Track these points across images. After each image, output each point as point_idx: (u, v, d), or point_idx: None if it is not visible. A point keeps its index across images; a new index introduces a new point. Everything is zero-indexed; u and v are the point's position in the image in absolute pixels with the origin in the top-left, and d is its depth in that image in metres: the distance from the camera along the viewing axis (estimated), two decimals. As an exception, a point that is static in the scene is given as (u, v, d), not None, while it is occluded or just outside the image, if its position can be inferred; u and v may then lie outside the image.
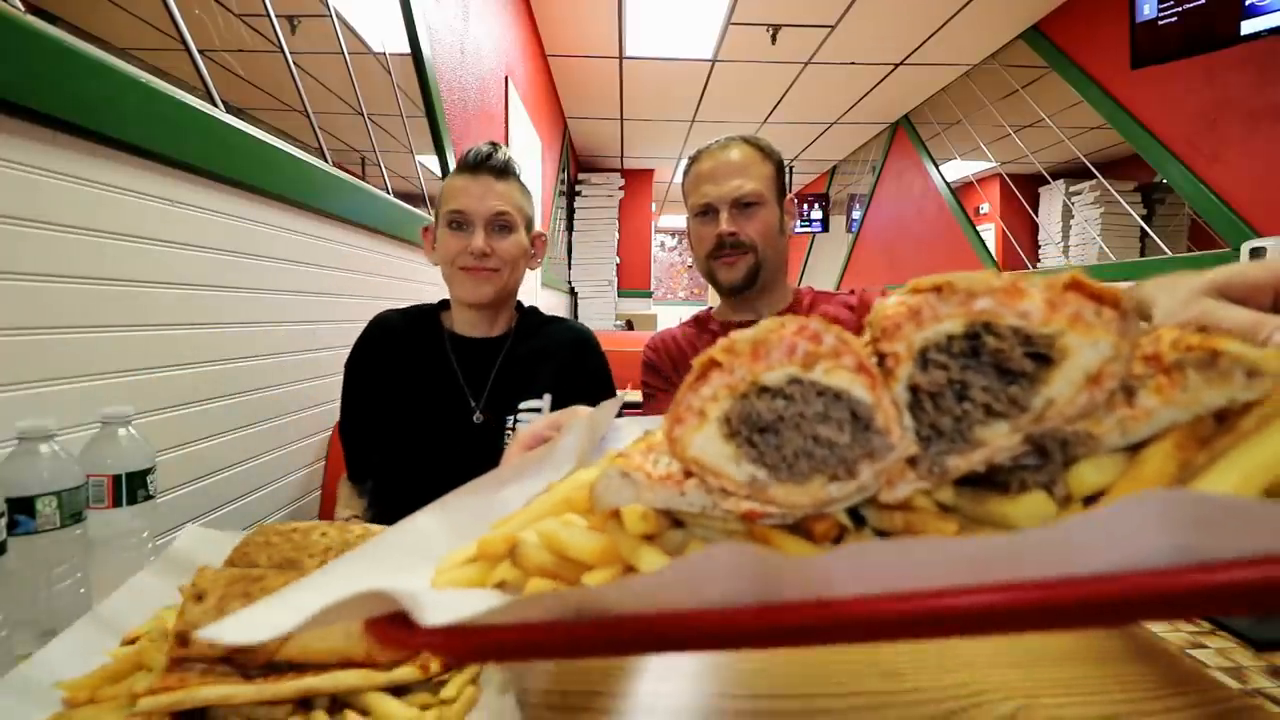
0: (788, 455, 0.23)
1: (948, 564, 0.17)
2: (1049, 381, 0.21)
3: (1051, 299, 0.22)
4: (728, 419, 0.23)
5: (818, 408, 0.23)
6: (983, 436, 0.22)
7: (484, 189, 0.98)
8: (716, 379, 0.24)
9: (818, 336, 0.23)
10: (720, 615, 0.18)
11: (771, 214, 1.01)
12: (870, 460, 0.22)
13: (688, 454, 0.24)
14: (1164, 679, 0.44)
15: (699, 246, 1.05)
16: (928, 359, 0.22)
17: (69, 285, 0.74)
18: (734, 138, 1.04)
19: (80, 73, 0.74)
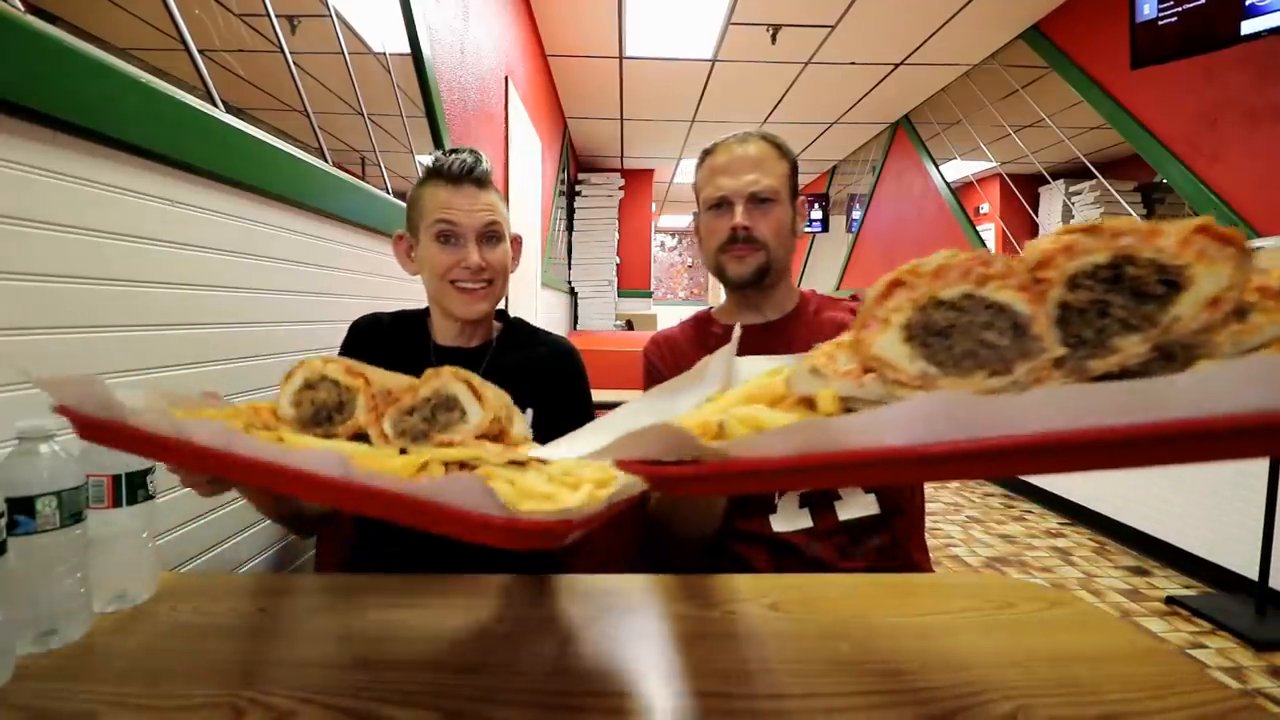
0: (956, 354, 0.29)
1: (1120, 402, 0.21)
2: (1176, 303, 0.26)
3: (1183, 238, 0.26)
4: (908, 325, 0.30)
5: (984, 317, 0.29)
6: (1118, 345, 0.27)
7: (470, 200, 0.95)
8: (900, 294, 0.30)
9: (989, 262, 0.29)
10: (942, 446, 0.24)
11: (785, 213, 0.99)
12: (1025, 359, 0.28)
13: (870, 352, 0.30)
14: (1164, 679, 0.44)
15: (710, 239, 1.02)
16: (1077, 283, 0.28)
17: (69, 285, 0.74)
18: (751, 133, 1.02)
19: (80, 73, 0.74)
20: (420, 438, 0.53)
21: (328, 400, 0.54)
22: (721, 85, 4.82)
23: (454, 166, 0.95)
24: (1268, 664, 1.84)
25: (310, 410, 0.54)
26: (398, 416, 0.53)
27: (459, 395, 0.55)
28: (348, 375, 0.55)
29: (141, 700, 0.41)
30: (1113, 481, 2.95)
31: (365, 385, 0.54)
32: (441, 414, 0.54)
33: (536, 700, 0.42)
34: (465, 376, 0.55)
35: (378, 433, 0.53)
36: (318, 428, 0.54)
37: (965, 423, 0.24)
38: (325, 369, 0.55)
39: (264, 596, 0.58)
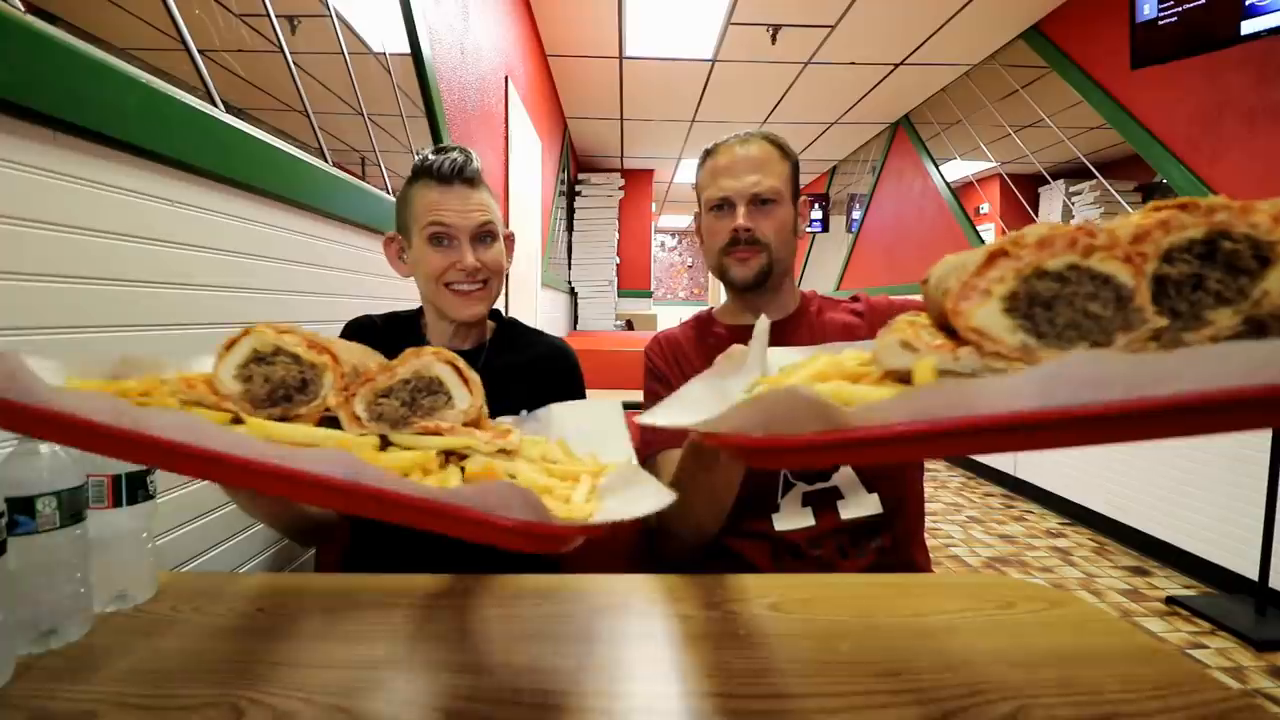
0: (1058, 325, 0.29)
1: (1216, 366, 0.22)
2: (1267, 278, 0.28)
3: (1276, 214, 0.27)
4: (1011, 295, 0.29)
5: (1089, 288, 0.29)
6: (1212, 317, 0.28)
7: (463, 200, 0.93)
8: (1003, 264, 0.29)
9: (1094, 233, 0.29)
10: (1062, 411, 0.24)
11: (787, 213, 0.99)
12: (1125, 331, 0.29)
13: (970, 324, 0.30)
14: (1164, 679, 0.44)
15: (712, 241, 1.02)
16: (1173, 257, 0.28)
17: (69, 285, 0.74)
18: (753, 133, 1.02)
19: (80, 73, 0.74)
20: (400, 423, 0.48)
21: (286, 378, 0.48)
22: (721, 85, 4.82)
23: (444, 166, 0.93)
24: (1268, 664, 1.84)
25: (264, 388, 0.47)
26: (372, 398, 0.48)
27: (443, 378, 0.51)
28: (311, 350, 0.48)
29: (141, 700, 0.41)
30: (1113, 482, 2.95)
31: (333, 362, 0.48)
32: (424, 397, 0.50)
33: (536, 700, 0.42)
34: (449, 358, 0.51)
35: (349, 416, 0.47)
36: (273, 408, 0.47)
37: (1106, 384, 0.23)
38: (281, 340, 0.48)
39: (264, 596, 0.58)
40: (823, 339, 0.99)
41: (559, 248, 5.71)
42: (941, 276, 0.34)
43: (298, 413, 0.48)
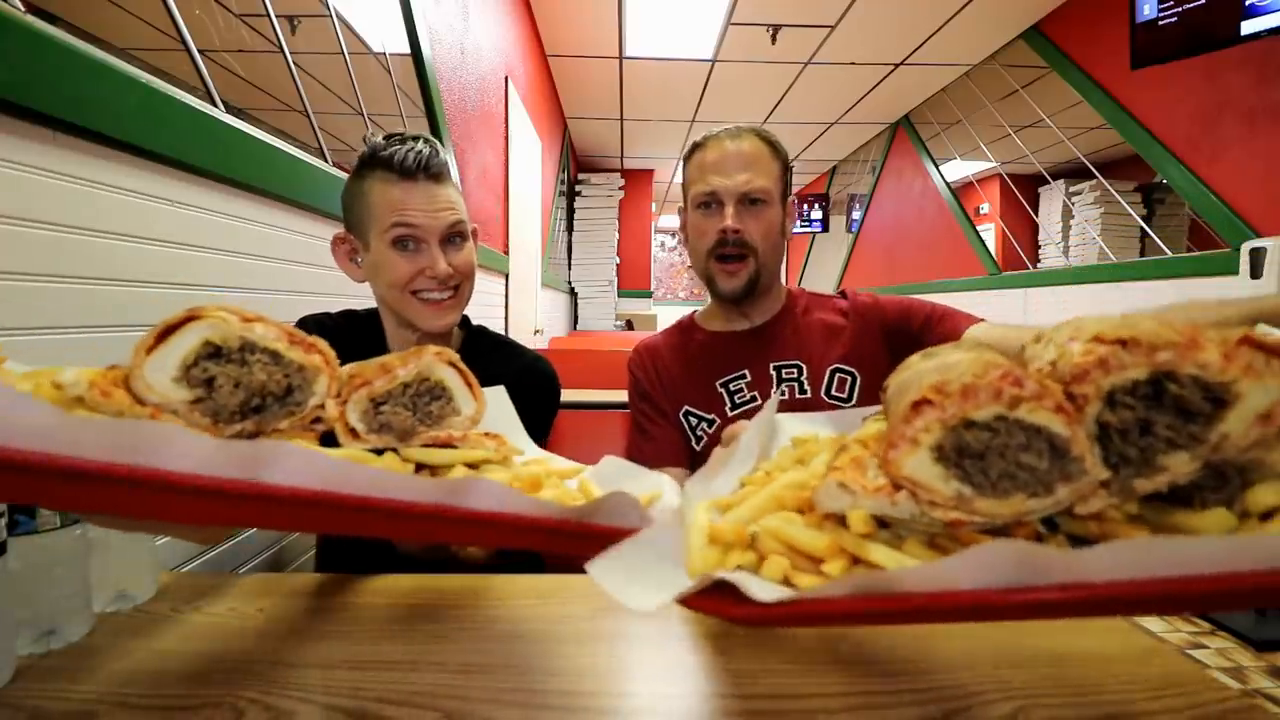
0: (992, 476, 0.28)
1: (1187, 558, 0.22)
2: (1224, 419, 0.25)
3: (1226, 352, 0.25)
4: (939, 446, 0.28)
5: (1020, 439, 0.27)
6: (1165, 463, 0.26)
7: (429, 198, 0.82)
8: (929, 413, 0.28)
9: (1020, 383, 0.27)
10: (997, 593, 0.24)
11: (775, 215, 0.95)
12: (1066, 482, 0.27)
13: (902, 473, 0.29)
14: (1164, 679, 0.44)
15: (699, 241, 0.97)
16: (1115, 400, 0.27)
17: (69, 285, 0.75)
18: (745, 128, 0.97)
19: (80, 73, 0.74)
20: (408, 434, 0.42)
21: (269, 384, 0.37)
22: (721, 85, 4.82)
23: (407, 159, 0.80)
24: (1268, 664, 1.84)
25: (232, 396, 0.36)
26: (368, 406, 0.41)
27: (447, 381, 0.45)
28: (296, 348, 0.39)
29: (141, 700, 0.41)
30: (1113, 481, 2.95)
31: (326, 365, 0.40)
32: (427, 403, 0.44)
33: (536, 700, 0.42)
34: (451, 358, 0.46)
35: (344, 428, 0.40)
36: (241, 421, 0.37)
37: (1035, 571, 0.23)
38: (251, 334, 0.37)
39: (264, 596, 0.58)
40: (807, 339, 0.97)
41: (559, 248, 5.71)
42: (895, 393, 0.33)
43: (275, 426, 0.38)
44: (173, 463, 0.25)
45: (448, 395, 0.45)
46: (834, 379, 0.94)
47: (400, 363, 0.43)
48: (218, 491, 0.26)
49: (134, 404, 0.33)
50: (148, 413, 0.33)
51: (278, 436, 0.38)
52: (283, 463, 0.27)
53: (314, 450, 0.28)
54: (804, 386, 0.93)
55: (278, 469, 0.27)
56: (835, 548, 0.30)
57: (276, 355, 0.38)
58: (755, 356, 0.97)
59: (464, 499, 0.30)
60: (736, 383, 0.95)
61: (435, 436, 0.43)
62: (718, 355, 0.99)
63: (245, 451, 0.26)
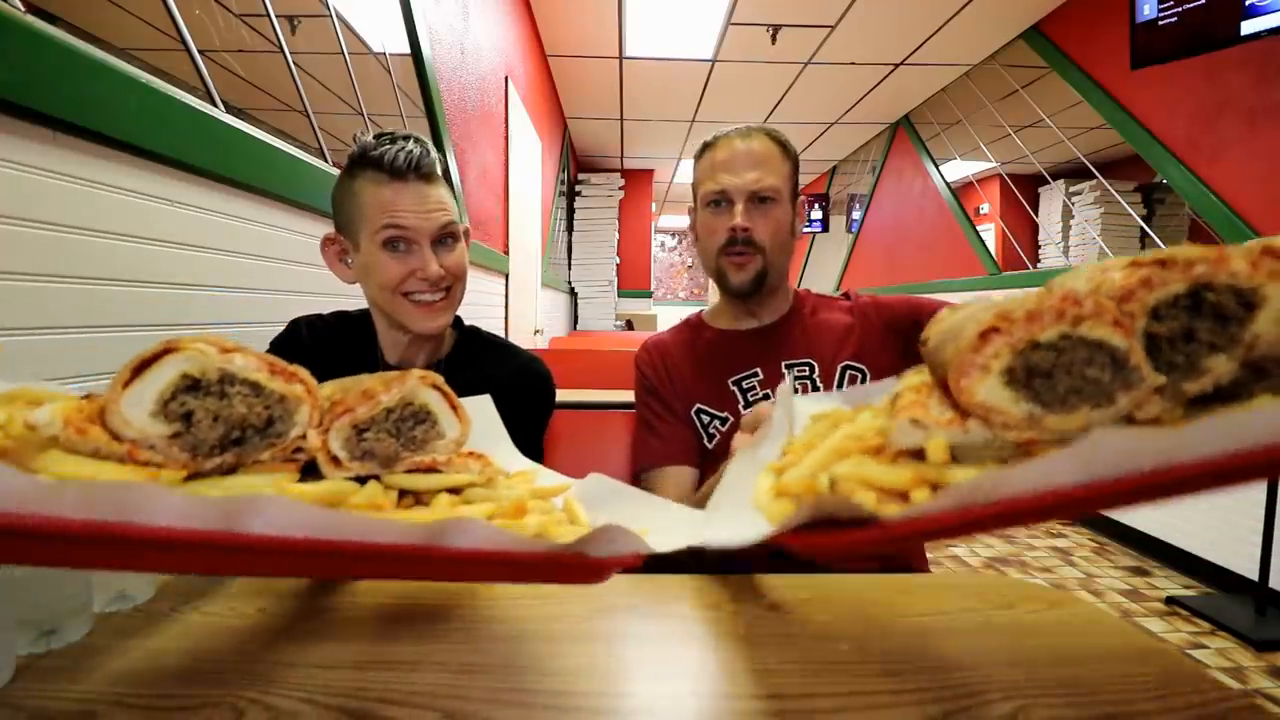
0: (1060, 392, 0.30)
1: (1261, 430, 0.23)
2: (1255, 321, 0.29)
3: (1253, 260, 0.28)
4: (1010, 369, 0.30)
5: (1083, 355, 0.30)
6: (1208, 365, 0.29)
7: (420, 198, 0.81)
8: (997, 340, 0.30)
9: (1080, 303, 0.30)
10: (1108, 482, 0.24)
11: (785, 214, 0.96)
12: (1126, 390, 0.30)
13: (974, 400, 0.31)
14: (1164, 679, 0.44)
15: (709, 239, 0.97)
16: (1159, 314, 0.29)
17: (69, 285, 0.75)
18: (755, 128, 0.97)
19: (80, 73, 0.74)
20: (392, 460, 0.41)
21: (249, 416, 0.36)
22: (721, 85, 4.82)
23: (398, 158, 0.79)
24: (1268, 664, 1.84)
25: (212, 430, 0.35)
26: (351, 434, 0.40)
27: (431, 405, 0.44)
28: (277, 378, 0.38)
29: (141, 700, 0.41)
30: (1113, 481, 2.95)
31: (308, 394, 0.39)
32: (410, 428, 0.43)
33: (536, 700, 0.42)
34: (435, 381, 0.45)
35: (326, 457, 0.39)
36: (221, 454, 0.36)
37: (1123, 459, 0.24)
38: (231, 365, 0.36)
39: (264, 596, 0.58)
40: (817, 339, 0.98)
41: (559, 248, 5.72)
42: (939, 342, 0.35)
43: (255, 459, 0.37)
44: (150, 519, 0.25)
45: (431, 419, 0.44)
46: (845, 376, 0.94)
47: (383, 388, 0.42)
48: (197, 544, 0.26)
49: (111, 440, 0.33)
50: (124, 449, 0.33)
51: (258, 469, 0.37)
52: (262, 513, 0.27)
53: (292, 500, 0.27)
54: (816, 384, 0.94)
55: (257, 519, 0.27)
56: (918, 479, 0.31)
57: (257, 386, 0.37)
58: (766, 355, 0.97)
59: (448, 539, 0.30)
60: (749, 380, 0.95)
61: (419, 462, 0.42)
62: (728, 353, 0.99)
63: (223, 505, 0.26)
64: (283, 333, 0.91)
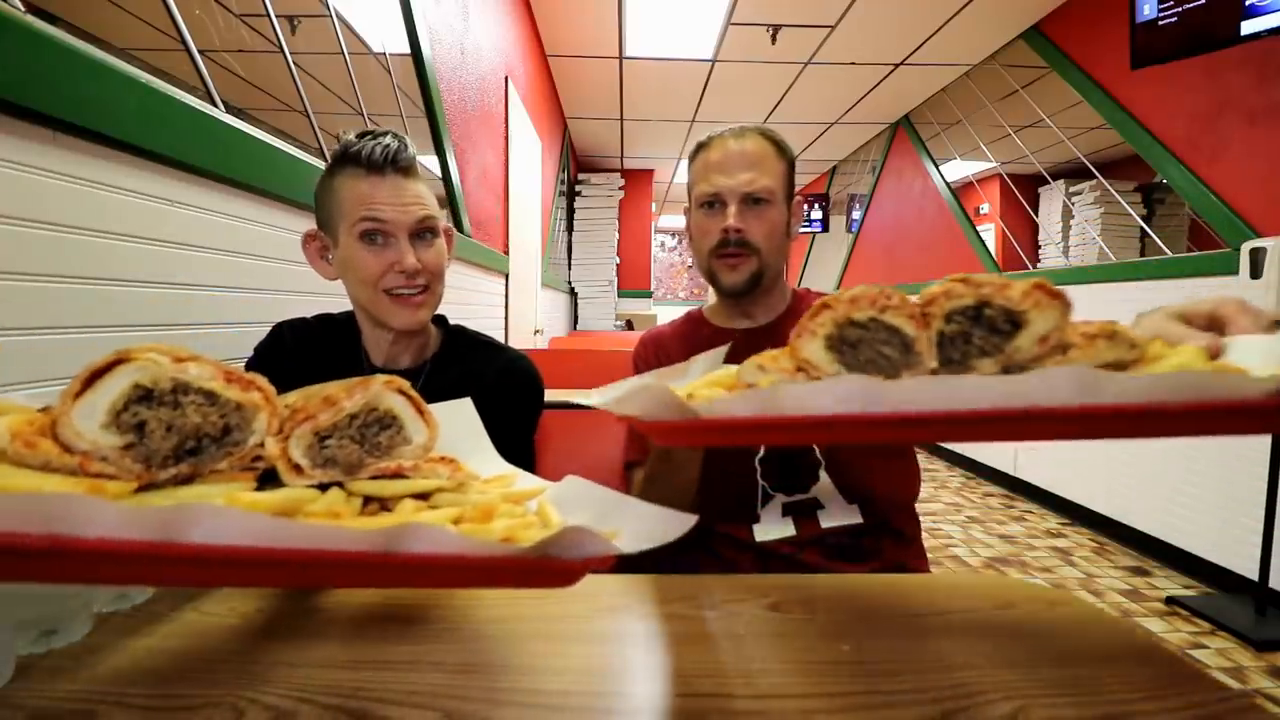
0: (861, 360, 0.40)
1: (976, 393, 0.33)
2: (1018, 337, 0.37)
3: (1025, 291, 0.37)
4: (830, 336, 0.40)
5: (883, 335, 0.39)
6: (977, 365, 0.38)
7: (397, 191, 0.81)
8: (825, 314, 0.40)
9: (890, 295, 0.39)
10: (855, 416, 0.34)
11: (780, 214, 0.95)
12: (909, 369, 0.39)
13: (801, 355, 0.41)
14: (1164, 679, 0.44)
15: (702, 240, 0.97)
16: (951, 318, 0.39)
17: (69, 285, 0.75)
18: (749, 128, 0.96)
19: (80, 73, 0.74)
20: (356, 467, 0.41)
21: (204, 426, 0.36)
22: (721, 85, 4.82)
23: (375, 152, 0.80)
24: (1268, 664, 1.84)
25: (165, 440, 0.35)
26: (313, 441, 0.40)
27: (396, 410, 0.43)
28: (233, 386, 0.37)
29: (141, 700, 0.41)
30: (1113, 482, 2.95)
31: (265, 401, 0.39)
32: (375, 434, 0.42)
33: (536, 700, 0.42)
34: (401, 386, 0.44)
35: (287, 466, 0.38)
36: (176, 464, 0.35)
37: (869, 400, 0.34)
38: (184, 374, 0.35)
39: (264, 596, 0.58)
40: None
41: (559, 248, 5.72)
42: None
43: (215, 469, 0.37)
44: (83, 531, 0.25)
45: (397, 424, 0.43)
46: None
47: (345, 394, 0.41)
48: (133, 555, 0.25)
49: (62, 453, 0.32)
50: (75, 461, 0.32)
51: (215, 478, 0.37)
52: (202, 523, 0.26)
53: (234, 510, 0.27)
54: None
55: (196, 529, 0.26)
56: None
57: (212, 395, 0.36)
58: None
59: (405, 545, 0.29)
60: None
61: (384, 468, 0.42)
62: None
63: (161, 516, 0.26)
64: (266, 338, 0.91)
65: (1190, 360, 0.35)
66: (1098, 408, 0.30)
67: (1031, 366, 0.37)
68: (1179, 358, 0.36)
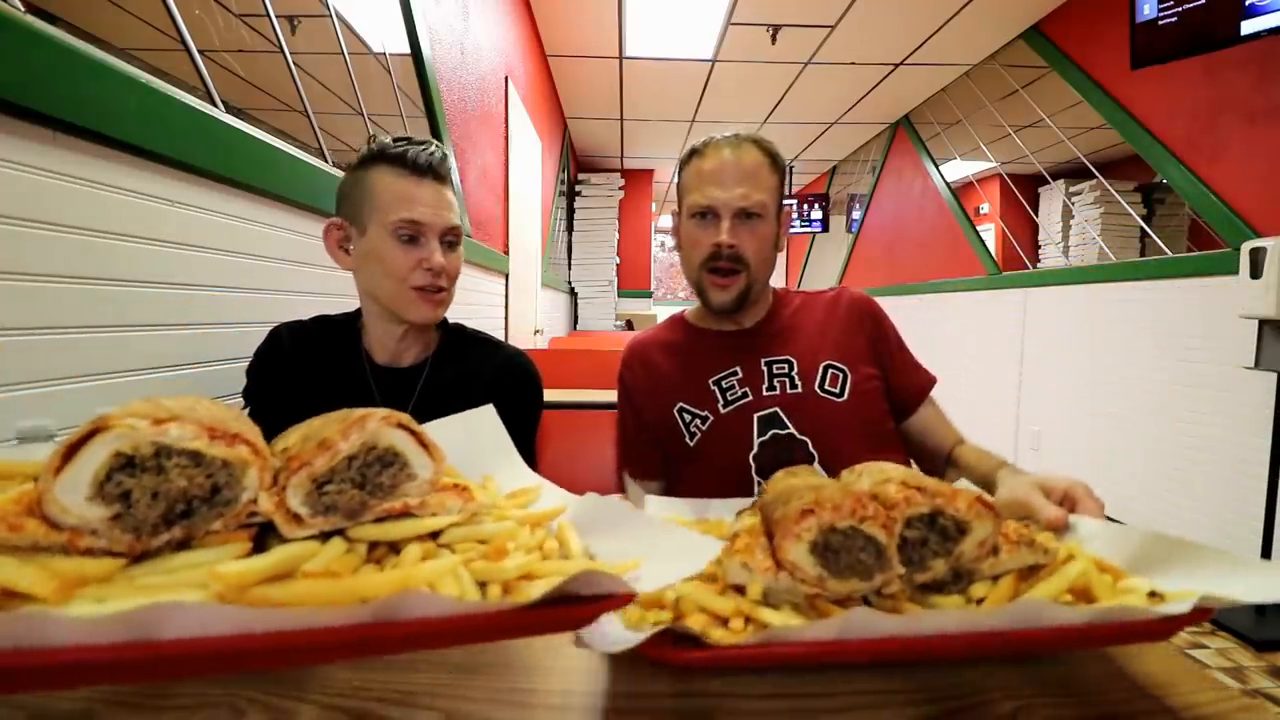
0: (842, 565, 0.44)
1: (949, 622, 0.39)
2: (963, 542, 0.46)
3: (969, 504, 0.46)
4: (814, 542, 0.44)
5: (860, 543, 0.44)
6: (931, 565, 0.46)
7: (436, 197, 0.87)
8: (810, 520, 0.44)
9: (866, 505, 0.44)
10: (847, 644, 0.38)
11: (771, 229, 0.95)
12: (881, 573, 0.44)
13: (788, 558, 0.44)
14: (1164, 679, 0.44)
15: (692, 251, 0.96)
16: (910, 522, 0.46)
17: (69, 285, 0.75)
18: (744, 137, 0.95)
19: (80, 73, 0.74)
20: (354, 513, 0.39)
21: (190, 489, 0.34)
22: (721, 85, 4.82)
23: (420, 158, 0.85)
24: (1268, 664, 1.84)
25: (152, 508, 0.34)
26: (311, 488, 0.38)
27: (398, 446, 0.41)
28: (218, 443, 0.35)
29: (141, 700, 0.41)
30: (1113, 482, 2.95)
31: (254, 454, 0.37)
32: (377, 474, 0.40)
33: (536, 700, 0.42)
34: (401, 420, 0.42)
35: (285, 518, 0.37)
36: (169, 529, 0.34)
37: (866, 629, 0.38)
38: (165, 438, 0.34)
39: (264, 596, 0.58)
40: (795, 338, 0.99)
41: (559, 248, 5.72)
42: (773, 500, 0.50)
43: (209, 530, 0.35)
44: (57, 638, 0.25)
45: (400, 461, 0.41)
46: (826, 374, 0.94)
47: (341, 436, 0.39)
48: (107, 664, 0.25)
49: (50, 531, 0.31)
50: (64, 538, 0.31)
51: (211, 540, 0.36)
52: (174, 620, 0.25)
53: (203, 604, 0.26)
54: (795, 382, 0.94)
55: (168, 626, 0.25)
56: (737, 610, 0.42)
57: (196, 455, 0.35)
58: (746, 354, 0.98)
59: (396, 615, 0.28)
60: (728, 379, 0.96)
61: (389, 508, 0.39)
62: (709, 353, 0.99)
63: (126, 619, 0.25)
64: (264, 342, 0.92)
65: (1086, 568, 0.45)
66: (1044, 631, 0.38)
67: (974, 567, 0.46)
68: (1079, 565, 0.45)
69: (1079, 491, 0.62)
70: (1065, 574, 0.44)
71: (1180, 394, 2.65)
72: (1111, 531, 0.53)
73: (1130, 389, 2.91)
